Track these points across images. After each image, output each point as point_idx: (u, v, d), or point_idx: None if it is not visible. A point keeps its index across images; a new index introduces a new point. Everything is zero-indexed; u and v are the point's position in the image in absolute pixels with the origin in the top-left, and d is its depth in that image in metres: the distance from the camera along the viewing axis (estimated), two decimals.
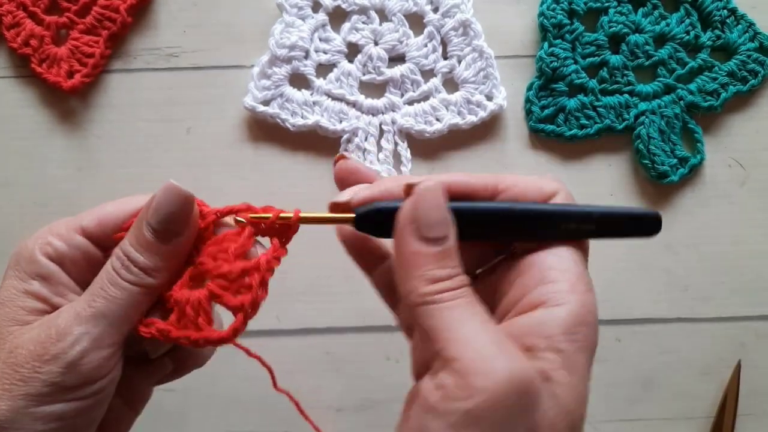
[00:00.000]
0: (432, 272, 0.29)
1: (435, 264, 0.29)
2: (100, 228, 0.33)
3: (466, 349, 0.27)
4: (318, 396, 0.58)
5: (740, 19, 0.59)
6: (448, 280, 0.29)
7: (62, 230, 0.33)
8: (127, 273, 0.31)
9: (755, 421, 0.59)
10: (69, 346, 0.30)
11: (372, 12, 0.59)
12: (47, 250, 0.32)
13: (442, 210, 0.30)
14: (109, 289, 0.31)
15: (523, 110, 0.60)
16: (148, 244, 0.32)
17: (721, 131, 0.60)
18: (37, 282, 0.32)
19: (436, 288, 0.29)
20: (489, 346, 0.27)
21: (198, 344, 0.31)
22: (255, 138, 0.59)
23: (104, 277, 0.32)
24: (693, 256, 0.59)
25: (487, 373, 0.26)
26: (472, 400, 0.26)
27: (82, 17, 0.59)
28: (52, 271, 0.32)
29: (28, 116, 0.60)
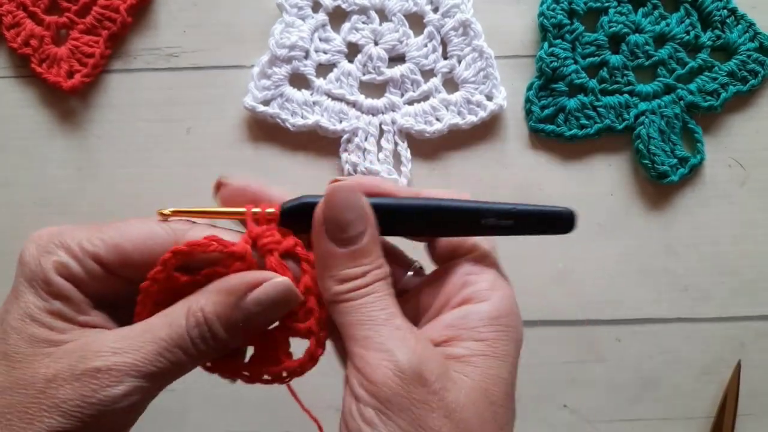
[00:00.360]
0: (343, 272, 0.30)
1: (346, 264, 0.30)
2: (119, 264, 0.31)
3: (368, 345, 0.28)
4: (318, 396, 0.58)
5: (740, 19, 0.59)
6: (361, 277, 0.30)
7: (76, 250, 0.30)
8: (202, 344, 0.30)
9: (755, 421, 0.59)
10: (121, 396, 0.28)
11: (372, 12, 0.59)
12: (62, 270, 0.30)
13: (355, 209, 0.30)
14: (177, 353, 0.29)
15: (523, 110, 0.60)
16: (236, 325, 0.30)
17: (721, 131, 0.60)
18: (58, 302, 0.30)
19: (346, 287, 0.30)
20: (389, 341, 0.28)
21: (281, 377, 0.32)
22: (255, 138, 0.59)
23: (174, 337, 0.30)
24: (693, 256, 0.59)
25: (384, 366, 0.27)
26: (378, 396, 0.27)
27: (82, 17, 0.59)
28: (70, 291, 0.30)
29: (28, 116, 0.60)
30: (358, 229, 0.30)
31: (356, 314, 0.29)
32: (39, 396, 0.28)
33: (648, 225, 0.59)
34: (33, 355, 0.29)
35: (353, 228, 0.30)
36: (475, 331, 0.30)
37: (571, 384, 0.59)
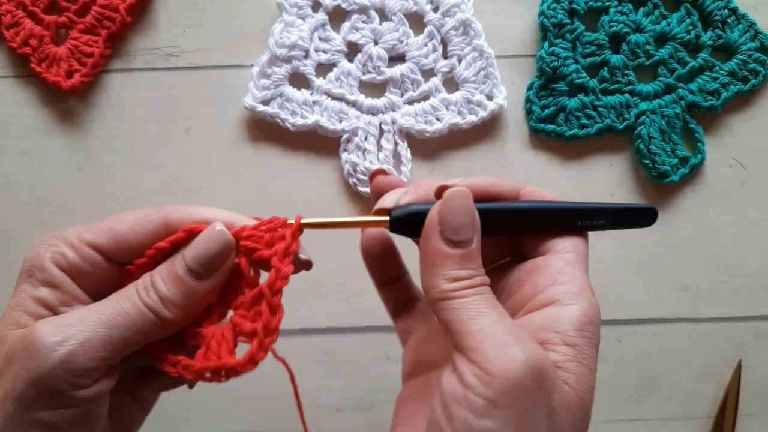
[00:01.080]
0: (454, 272, 0.31)
1: (457, 265, 0.31)
2: (115, 247, 0.33)
3: (483, 339, 0.29)
4: (318, 396, 0.58)
5: (741, 19, 0.58)
6: (469, 279, 0.31)
7: (74, 241, 0.32)
8: (146, 296, 0.31)
9: (756, 421, 0.59)
10: (56, 343, 0.29)
11: (372, 11, 0.58)
12: (58, 259, 0.32)
13: (468, 215, 0.32)
14: (123, 303, 0.31)
15: (523, 110, 0.59)
16: (177, 278, 0.32)
17: (722, 131, 0.60)
18: (46, 289, 0.32)
19: (456, 286, 0.31)
20: (505, 336, 0.29)
21: (219, 374, 0.32)
22: (255, 138, 0.59)
23: (123, 292, 0.32)
24: (693, 256, 0.59)
25: (504, 360, 0.28)
26: (494, 387, 0.28)
27: (82, 17, 0.59)
28: (62, 280, 0.32)
29: (28, 116, 0.60)
30: (469, 235, 0.32)
31: (468, 310, 0.30)
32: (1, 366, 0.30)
33: None
34: (5, 336, 0.31)
35: (466, 232, 0.32)
36: (566, 336, 0.31)
37: None
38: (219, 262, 0.33)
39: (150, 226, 0.33)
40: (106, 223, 0.33)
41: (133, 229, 0.33)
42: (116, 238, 0.32)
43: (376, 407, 0.59)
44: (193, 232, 0.33)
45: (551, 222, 0.35)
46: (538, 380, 0.28)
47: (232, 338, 0.33)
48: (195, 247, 0.32)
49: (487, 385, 0.28)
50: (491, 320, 0.30)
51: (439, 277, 0.31)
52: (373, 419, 0.59)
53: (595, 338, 0.32)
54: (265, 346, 0.32)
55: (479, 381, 0.28)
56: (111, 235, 0.32)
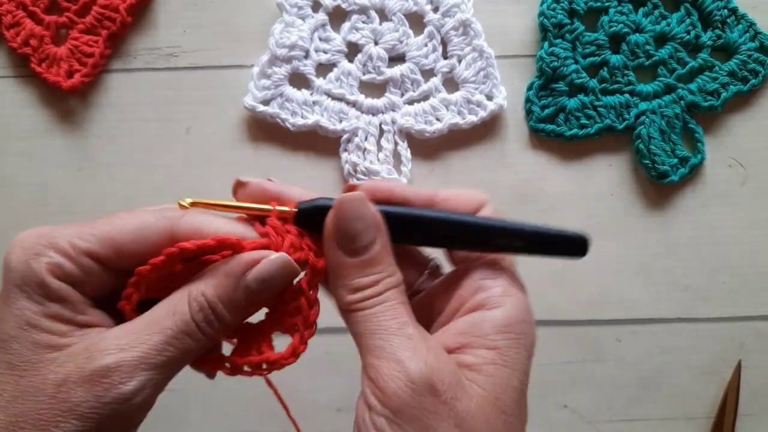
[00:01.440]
0: (354, 281, 0.31)
1: (357, 273, 0.31)
2: (116, 258, 0.31)
3: (380, 355, 0.29)
4: (318, 396, 0.58)
5: (741, 19, 0.59)
6: (372, 287, 0.30)
7: (69, 250, 0.30)
8: (208, 328, 0.30)
9: (756, 421, 0.59)
10: (135, 391, 0.28)
11: (372, 11, 0.59)
12: (56, 272, 0.29)
13: (364, 219, 0.31)
14: (184, 340, 0.30)
15: (523, 110, 0.59)
16: (238, 305, 0.31)
17: (722, 131, 0.60)
18: (56, 305, 0.29)
19: (357, 297, 0.30)
20: (401, 351, 0.29)
21: (260, 368, 0.32)
22: (255, 138, 0.59)
23: (179, 324, 0.30)
24: (693, 256, 0.59)
25: (395, 377, 0.28)
26: (389, 404, 0.28)
27: (82, 17, 0.59)
28: (68, 292, 0.30)
29: (28, 116, 0.60)
30: (367, 239, 0.31)
31: (368, 323, 0.30)
32: (51, 401, 0.28)
33: (648, 225, 0.59)
34: (39, 362, 0.28)
35: (362, 238, 0.31)
36: (487, 339, 0.30)
37: (571, 384, 0.59)
38: (279, 289, 0.32)
39: (154, 238, 0.31)
40: (101, 229, 0.30)
41: (136, 240, 0.31)
42: (117, 249, 0.30)
43: None
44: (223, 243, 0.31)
45: (462, 236, 0.33)
46: (432, 394, 0.28)
47: (269, 334, 0.33)
48: (262, 278, 0.30)
49: (383, 404, 0.28)
50: (389, 334, 0.29)
51: (340, 288, 0.31)
52: None
53: (522, 337, 0.31)
54: (305, 339, 0.32)
55: (377, 400, 0.28)
56: (111, 245, 0.30)
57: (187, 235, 0.31)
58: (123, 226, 0.31)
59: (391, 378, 0.28)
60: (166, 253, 0.30)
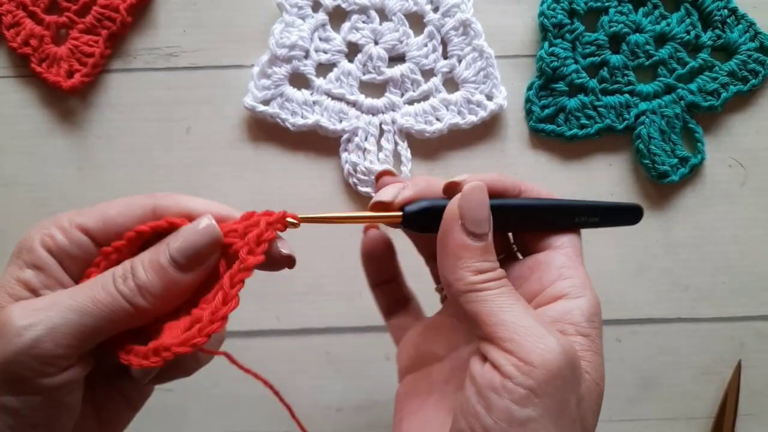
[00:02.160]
0: (478, 264, 0.32)
1: (480, 257, 0.32)
2: (104, 230, 0.32)
3: (517, 330, 0.30)
4: (318, 396, 0.58)
5: (741, 19, 0.59)
6: (492, 271, 0.32)
7: (65, 224, 0.32)
8: (123, 285, 0.31)
9: (756, 421, 0.59)
10: (24, 328, 0.28)
11: (372, 11, 0.59)
12: (47, 241, 0.31)
13: (486, 208, 0.33)
14: (96, 291, 0.30)
15: (523, 110, 0.59)
16: (159, 268, 0.31)
17: (722, 131, 0.60)
18: (30, 271, 0.31)
19: (482, 278, 0.31)
20: (538, 327, 0.30)
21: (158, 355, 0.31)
22: (255, 138, 0.59)
23: (99, 279, 0.31)
24: (693, 256, 0.59)
25: (543, 350, 0.29)
26: (534, 375, 0.28)
27: (82, 17, 0.59)
28: (47, 262, 0.31)
29: (28, 116, 0.60)
30: (487, 228, 0.32)
31: (497, 301, 0.31)
32: None
33: (648, 225, 0.59)
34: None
35: (485, 225, 0.32)
36: (580, 327, 0.32)
37: None
38: (204, 256, 0.32)
39: (139, 211, 0.33)
40: (97, 207, 0.33)
41: (122, 213, 0.33)
42: (105, 222, 0.32)
43: (376, 407, 0.59)
44: (174, 224, 0.32)
45: (551, 219, 0.36)
46: (573, 369, 0.29)
47: (185, 327, 0.32)
48: (181, 238, 0.31)
49: (527, 374, 0.28)
50: (520, 311, 0.30)
51: (464, 269, 0.32)
52: (373, 419, 0.59)
53: (601, 328, 0.33)
54: (205, 331, 0.31)
55: (518, 371, 0.29)
56: (100, 218, 0.32)
57: (166, 209, 0.33)
58: (114, 202, 0.33)
59: (539, 351, 0.29)
60: (127, 237, 0.32)
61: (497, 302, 0.31)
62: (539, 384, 0.28)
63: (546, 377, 0.28)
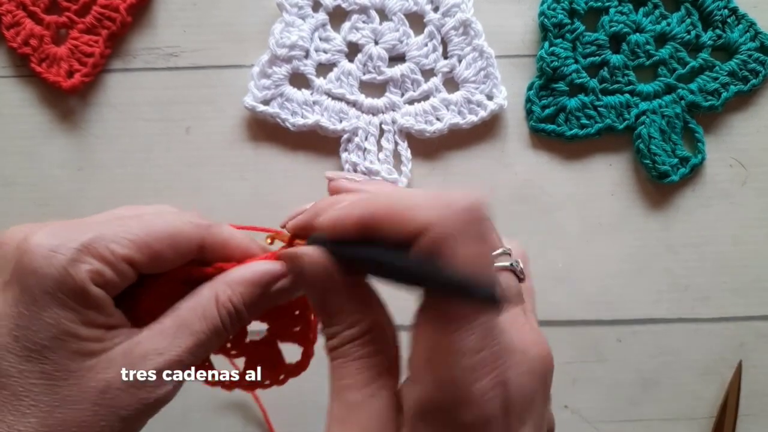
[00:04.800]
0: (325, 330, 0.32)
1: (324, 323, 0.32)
2: (149, 264, 0.31)
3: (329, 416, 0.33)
4: (318, 396, 0.58)
5: (741, 19, 0.58)
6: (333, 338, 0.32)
7: (107, 255, 0.29)
8: (233, 330, 0.32)
9: (756, 421, 0.59)
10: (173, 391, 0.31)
11: (372, 11, 0.58)
12: (97, 279, 0.29)
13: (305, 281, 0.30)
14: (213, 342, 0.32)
15: (523, 110, 0.59)
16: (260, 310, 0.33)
17: (722, 131, 0.60)
18: (93, 312, 0.29)
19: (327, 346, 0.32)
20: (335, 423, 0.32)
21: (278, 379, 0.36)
22: (255, 138, 0.59)
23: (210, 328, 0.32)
24: (693, 256, 0.59)
25: None
26: None
27: (82, 17, 0.59)
28: (104, 299, 0.30)
29: (28, 116, 0.60)
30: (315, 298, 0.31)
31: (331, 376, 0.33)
32: (95, 408, 0.29)
33: (648, 225, 0.59)
34: (78, 370, 0.29)
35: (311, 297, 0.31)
36: None
37: (571, 384, 0.59)
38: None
39: (186, 246, 0.32)
40: (136, 234, 0.30)
41: (171, 247, 0.31)
42: (152, 256, 0.31)
43: None
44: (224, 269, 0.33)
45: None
46: None
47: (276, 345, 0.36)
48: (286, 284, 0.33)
49: None
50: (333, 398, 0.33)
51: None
52: None
53: None
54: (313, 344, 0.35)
55: None
56: (148, 253, 0.30)
57: (214, 247, 0.33)
58: (157, 232, 0.31)
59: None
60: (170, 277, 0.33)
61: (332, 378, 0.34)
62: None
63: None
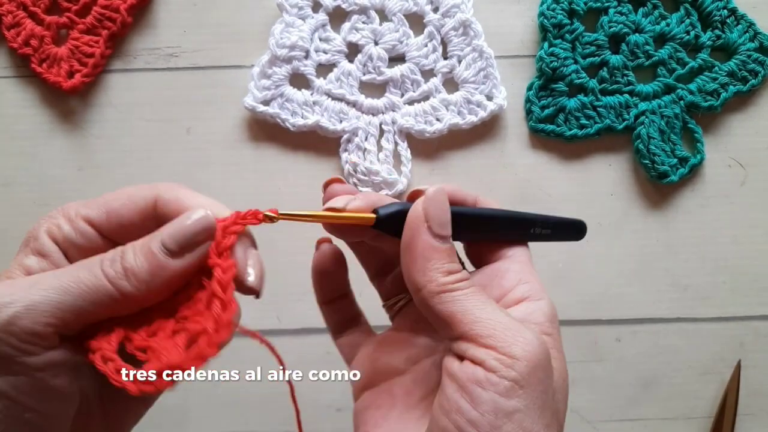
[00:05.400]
0: (448, 265, 0.32)
1: (448, 258, 0.32)
2: (107, 222, 0.33)
3: (495, 326, 0.30)
4: (318, 396, 0.58)
5: (740, 19, 0.59)
6: (459, 272, 0.32)
7: (71, 214, 0.33)
8: (109, 267, 0.30)
9: (755, 420, 0.59)
10: (2, 305, 0.28)
11: (372, 12, 0.59)
12: (53, 230, 0.32)
13: (448, 211, 0.33)
14: (81, 271, 0.30)
15: (523, 110, 0.60)
16: (148, 252, 0.31)
17: (721, 131, 0.60)
18: (34, 258, 0.32)
19: (453, 278, 0.32)
20: (513, 323, 0.31)
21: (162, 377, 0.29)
22: (255, 138, 0.59)
23: (86, 262, 0.31)
24: (693, 256, 0.59)
25: (522, 342, 0.30)
26: (517, 368, 0.29)
27: (83, 17, 0.59)
28: (51, 250, 0.32)
29: (28, 116, 0.60)
30: (450, 230, 0.33)
31: (471, 301, 0.31)
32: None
33: (648, 225, 0.59)
34: None
35: (448, 228, 0.33)
36: (543, 327, 0.33)
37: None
38: (196, 243, 0.31)
39: (141, 203, 0.33)
40: (102, 198, 0.33)
41: (125, 205, 0.33)
42: (108, 213, 0.33)
43: None
44: None
45: (506, 229, 0.37)
46: (549, 360, 0.31)
47: (184, 344, 0.30)
48: (174, 224, 0.31)
49: (510, 367, 0.29)
50: (494, 309, 0.31)
51: (434, 271, 0.32)
52: None
53: (559, 330, 0.35)
54: (214, 342, 0.29)
55: (502, 364, 0.29)
56: (104, 210, 0.33)
57: (165, 204, 0.33)
58: (119, 193, 0.34)
59: (519, 344, 0.30)
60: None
61: (471, 301, 0.31)
62: (523, 375, 0.29)
63: (528, 369, 0.29)
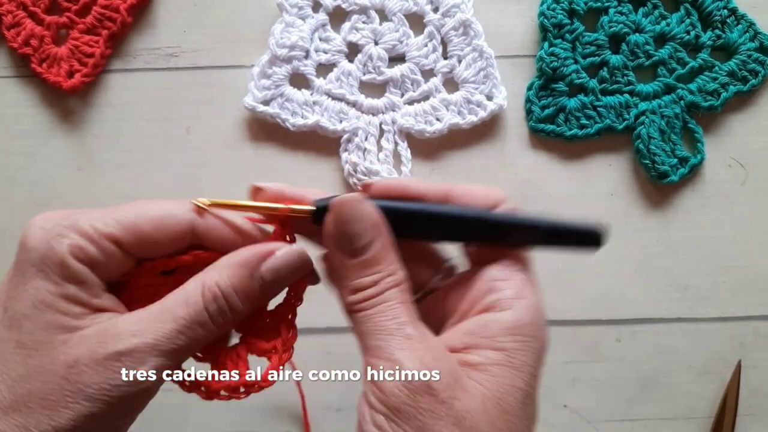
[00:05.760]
0: (355, 282, 0.31)
1: (358, 273, 0.31)
2: (136, 244, 0.31)
3: (378, 355, 0.29)
4: (318, 396, 0.58)
5: (740, 19, 0.59)
6: (372, 287, 0.31)
7: (91, 233, 0.30)
8: (220, 318, 0.31)
9: (755, 421, 0.59)
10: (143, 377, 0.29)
11: (372, 12, 0.59)
12: (77, 253, 0.30)
13: (361, 220, 0.31)
14: (196, 330, 0.30)
15: (523, 110, 0.59)
16: (252, 295, 0.31)
17: (722, 131, 0.60)
18: (73, 287, 0.30)
19: (358, 298, 0.31)
20: (398, 351, 0.29)
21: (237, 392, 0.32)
22: (255, 138, 0.59)
23: (192, 314, 0.30)
24: (693, 256, 0.59)
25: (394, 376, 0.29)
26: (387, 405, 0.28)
27: (83, 17, 0.59)
28: (86, 275, 0.30)
29: (28, 116, 0.60)
30: (365, 239, 0.31)
31: (368, 324, 0.30)
32: (61, 382, 0.28)
33: (648, 225, 0.59)
34: (50, 342, 0.29)
35: (360, 239, 0.31)
36: (495, 341, 0.30)
37: (571, 384, 0.59)
38: (290, 281, 0.33)
39: (176, 228, 0.32)
40: (125, 216, 0.31)
41: (158, 229, 0.31)
42: (138, 236, 0.31)
43: None
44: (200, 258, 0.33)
45: (477, 232, 0.32)
46: (429, 393, 0.28)
47: (245, 357, 0.33)
48: (277, 268, 0.31)
49: (382, 402, 0.28)
50: (388, 334, 0.30)
51: (342, 289, 0.32)
52: None
53: (530, 340, 0.31)
54: (282, 362, 0.32)
55: (376, 399, 0.29)
56: (133, 232, 0.31)
57: (206, 230, 0.32)
58: (146, 214, 0.32)
59: (389, 377, 0.28)
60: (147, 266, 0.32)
61: (370, 324, 0.30)
62: (393, 412, 0.28)
63: (397, 404, 0.28)
